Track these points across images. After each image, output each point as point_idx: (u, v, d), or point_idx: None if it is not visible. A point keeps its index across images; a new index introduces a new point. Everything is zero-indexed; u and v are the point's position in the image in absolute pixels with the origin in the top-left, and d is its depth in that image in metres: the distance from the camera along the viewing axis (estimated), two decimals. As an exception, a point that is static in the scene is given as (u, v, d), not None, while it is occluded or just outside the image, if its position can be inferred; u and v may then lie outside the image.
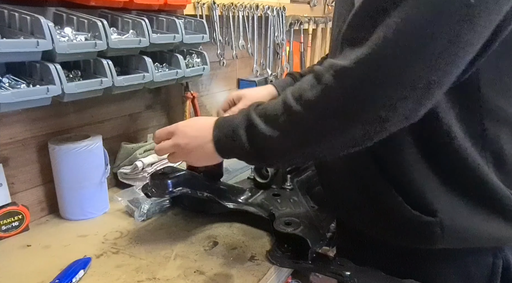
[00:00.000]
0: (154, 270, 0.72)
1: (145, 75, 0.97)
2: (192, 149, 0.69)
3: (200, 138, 0.68)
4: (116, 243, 0.82)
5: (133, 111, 1.16)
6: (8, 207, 0.83)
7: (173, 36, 1.03)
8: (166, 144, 0.71)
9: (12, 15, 0.78)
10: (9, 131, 0.86)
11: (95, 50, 0.85)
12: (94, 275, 0.71)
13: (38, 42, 0.74)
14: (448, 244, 0.64)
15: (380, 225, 0.69)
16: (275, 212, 0.80)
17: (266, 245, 0.80)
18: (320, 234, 0.76)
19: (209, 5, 1.31)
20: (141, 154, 1.07)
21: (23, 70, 0.82)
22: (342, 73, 0.53)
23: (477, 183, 0.61)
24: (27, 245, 0.81)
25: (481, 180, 0.60)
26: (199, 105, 1.33)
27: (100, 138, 0.93)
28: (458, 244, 0.64)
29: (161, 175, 0.80)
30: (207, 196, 0.84)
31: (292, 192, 0.92)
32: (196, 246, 0.80)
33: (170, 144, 0.71)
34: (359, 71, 0.52)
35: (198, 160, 0.71)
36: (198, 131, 0.68)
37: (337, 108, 0.54)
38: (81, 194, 0.91)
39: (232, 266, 0.73)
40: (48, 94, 0.77)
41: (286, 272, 0.79)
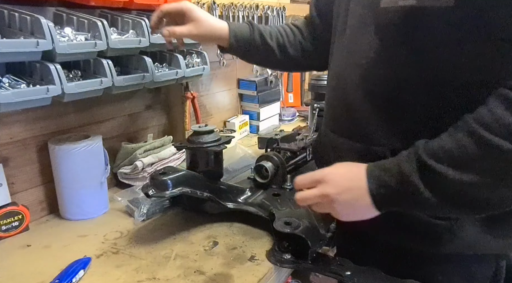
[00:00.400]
0: (154, 270, 0.72)
1: (145, 75, 0.97)
2: (343, 202, 0.61)
3: (355, 190, 0.60)
4: (116, 243, 0.82)
5: (133, 111, 1.16)
6: (8, 207, 0.83)
7: (173, 36, 1.03)
8: (312, 194, 0.64)
9: (12, 15, 0.78)
10: (9, 131, 0.86)
11: (95, 50, 0.85)
12: (94, 275, 0.71)
13: (38, 42, 0.74)
14: (455, 250, 0.63)
15: (387, 226, 0.67)
16: (275, 212, 0.80)
17: (266, 245, 0.80)
18: (320, 234, 0.76)
19: (209, 5, 1.31)
20: (141, 154, 1.07)
21: (23, 70, 0.82)
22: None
23: None
24: (27, 245, 0.81)
25: None
26: (199, 105, 1.33)
27: (100, 138, 0.93)
28: (465, 250, 0.63)
29: (161, 175, 0.79)
30: (207, 196, 0.84)
31: (292, 192, 0.92)
32: (196, 246, 0.80)
33: (317, 194, 0.64)
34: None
35: (348, 214, 0.63)
36: (352, 181, 0.61)
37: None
38: (81, 194, 0.91)
39: (232, 266, 0.73)
40: (48, 94, 0.77)
41: (286, 272, 0.79)
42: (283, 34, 0.92)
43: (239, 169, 1.17)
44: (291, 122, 1.86)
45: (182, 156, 1.13)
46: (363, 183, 0.59)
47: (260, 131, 1.65)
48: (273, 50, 0.90)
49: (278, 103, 1.80)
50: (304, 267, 0.72)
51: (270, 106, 1.72)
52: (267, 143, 1.09)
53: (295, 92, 2.02)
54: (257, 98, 1.64)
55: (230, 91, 1.63)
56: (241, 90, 1.66)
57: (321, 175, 0.64)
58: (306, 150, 1.06)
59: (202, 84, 1.45)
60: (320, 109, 1.30)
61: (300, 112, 1.95)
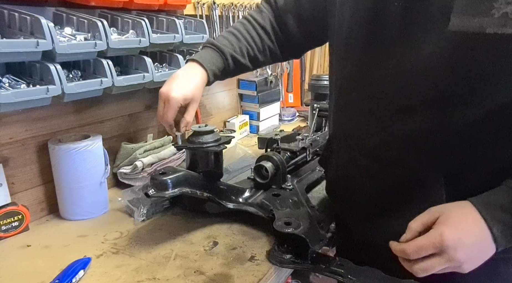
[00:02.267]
0: (154, 270, 0.72)
1: (145, 75, 0.97)
2: (473, 261, 0.55)
3: (482, 243, 0.55)
4: (116, 243, 0.82)
5: (133, 111, 1.16)
6: (8, 207, 0.83)
7: (173, 36, 1.03)
8: (436, 264, 0.55)
9: (12, 15, 0.78)
10: (9, 131, 0.86)
11: (95, 50, 0.85)
12: (94, 275, 0.71)
13: (38, 42, 0.74)
14: None
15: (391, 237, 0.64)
16: (275, 212, 0.80)
17: (266, 245, 0.80)
18: (320, 234, 0.76)
19: (209, 5, 1.31)
20: (141, 154, 1.07)
21: (23, 70, 0.82)
22: None
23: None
24: (27, 245, 0.81)
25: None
26: (199, 105, 1.33)
27: (100, 138, 0.93)
28: None
29: (161, 175, 0.79)
30: (207, 196, 0.84)
31: (292, 192, 0.92)
32: (196, 246, 0.80)
33: (443, 264, 0.55)
34: None
35: (474, 266, 0.57)
36: (477, 236, 0.54)
37: None
38: (81, 194, 0.91)
39: (232, 266, 0.73)
40: (48, 94, 0.77)
41: (286, 272, 0.79)
42: (251, 44, 0.91)
43: (239, 169, 1.17)
44: (291, 122, 1.86)
45: (182, 156, 1.13)
46: (486, 232, 0.54)
47: (260, 131, 1.65)
48: (247, 66, 0.93)
49: (278, 103, 1.80)
50: (304, 267, 0.72)
51: (270, 106, 1.72)
52: (267, 143, 1.08)
53: (295, 92, 2.02)
54: (257, 98, 1.64)
55: (230, 91, 1.63)
56: (241, 90, 1.66)
57: (442, 240, 0.54)
58: (306, 150, 1.06)
59: (202, 84, 1.45)
60: (320, 109, 1.30)
61: (300, 112, 1.95)
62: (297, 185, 0.97)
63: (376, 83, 0.66)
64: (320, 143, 1.18)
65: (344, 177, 0.80)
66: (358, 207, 0.77)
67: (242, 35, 0.91)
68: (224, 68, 0.90)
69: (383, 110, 0.66)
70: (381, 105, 0.66)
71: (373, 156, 0.70)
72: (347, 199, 0.81)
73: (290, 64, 1.81)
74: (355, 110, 0.72)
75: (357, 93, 0.70)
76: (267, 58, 0.95)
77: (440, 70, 0.57)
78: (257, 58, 0.93)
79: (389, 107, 0.65)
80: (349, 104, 0.74)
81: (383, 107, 0.66)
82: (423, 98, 0.60)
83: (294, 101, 2.06)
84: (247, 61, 0.91)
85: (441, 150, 0.63)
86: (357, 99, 0.70)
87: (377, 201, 0.73)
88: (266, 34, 0.92)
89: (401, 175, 0.67)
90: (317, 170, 1.10)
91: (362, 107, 0.70)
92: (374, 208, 0.73)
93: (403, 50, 0.61)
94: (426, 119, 0.62)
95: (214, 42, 0.89)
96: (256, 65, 0.95)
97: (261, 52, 0.93)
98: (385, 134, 0.67)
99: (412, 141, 0.64)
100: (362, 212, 0.77)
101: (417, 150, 0.65)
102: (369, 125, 0.69)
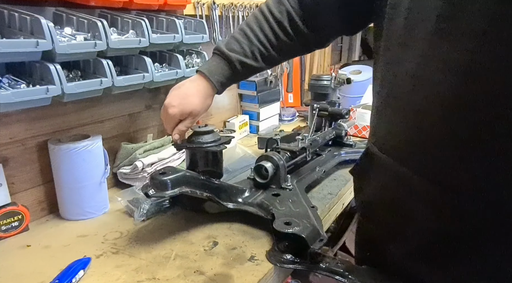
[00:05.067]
0: (154, 270, 0.72)
1: (145, 75, 0.98)
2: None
3: None
4: (116, 243, 0.82)
5: (133, 111, 1.16)
6: (8, 207, 0.83)
7: (173, 36, 1.03)
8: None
9: (12, 15, 0.78)
10: (9, 131, 0.86)
11: (95, 50, 0.85)
12: (94, 275, 0.71)
13: (38, 42, 0.74)
14: None
15: None
16: (275, 212, 0.80)
17: (266, 245, 0.80)
18: (320, 234, 0.76)
19: (209, 5, 1.32)
20: (141, 154, 1.07)
21: (23, 70, 0.82)
22: None
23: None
24: (27, 245, 0.81)
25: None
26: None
27: (100, 138, 0.93)
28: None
29: (161, 175, 0.79)
30: (207, 196, 0.84)
31: (292, 192, 0.92)
32: (196, 246, 0.80)
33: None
34: None
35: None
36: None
37: None
38: (81, 194, 0.91)
39: (232, 266, 0.73)
40: (48, 94, 0.77)
41: (286, 272, 0.79)
42: (265, 44, 0.85)
43: (239, 169, 1.17)
44: (291, 122, 1.86)
45: (182, 156, 1.13)
46: None
47: (260, 131, 1.65)
48: (261, 68, 0.89)
49: (278, 103, 1.80)
50: (304, 267, 0.72)
51: (270, 106, 1.72)
52: (267, 143, 1.09)
53: (295, 92, 2.02)
54: (257, 98, 1.64)
55: (230, 91, 1.63)
56: (241, 90, 1.66)
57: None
58: (306, 150, 1.06)
59: (202, 84, 1.45)
60: (320, 109, 1.30)
61: (300, 112, 1.95)
62: (297, 185, 0.97)
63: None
64: (320, 143, 1.18)
65: (387, 199, 0.66)
66: (404, 238, 0.63)
67: (255, 34, 0.84)
68: (233, 75, 0.87)
69: (462, 121, 0.49)
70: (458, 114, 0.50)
71: (436, 178, 0.55)
72: (388, 225, 0.66)
73: (290, 64, 1.81)
74: (413, 115, 0.55)
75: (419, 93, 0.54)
76: (284, 54, 0.90)
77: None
78: (273, 57, 0.87)
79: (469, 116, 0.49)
80: (403, 107, 0.57)
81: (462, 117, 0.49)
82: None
83: (294, 101, 2.07)
84: (260, 63, 0.87)
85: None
86: (419, 102, 0.54)
87: (438, 235, 0.57)
88: (283, 30, 0.83)
89: (473, 204, 0.52)
90: (317, 170, 1.10)
91: (426, 112, 0.53)
92: (430, 243, 0.59)
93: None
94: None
95: (222, 48, 0.85)
96: (272, 63, 0.91)
97: (277, 51, 0.86)
98: (457, 152, 0.51)
99: (497, 161, 0.48)
100: (409, 244, 0.62)
101: (501, 173, 0.48)
102: (435, 135, 0.53)
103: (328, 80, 1.40)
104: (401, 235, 0.63)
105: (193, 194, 0.83)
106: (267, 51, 0.86)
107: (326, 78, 1.41)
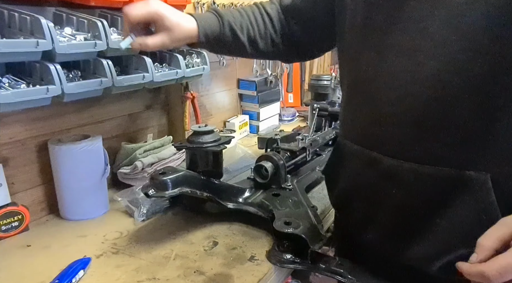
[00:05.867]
0: (154, 270, 0.72)
1: (145, 75, 0.97)
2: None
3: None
4: (116, 243, 0.82)
5: (133, 111, 1.16)
6: (8, 207, 0.83)
7: (173, 36, 1.03)
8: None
9: (12, 15, 0.78)
10: (9, 131, 0.86)
11: (95, 50, 0.85)
12: (94, 275, 0.71)
13: (38, 42, 0.74)
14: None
15: (439, 259, 0.59)
16: (275, 212, 0.80)
17: (266, 245, 0.80)
18: (320, 234, 0.76)
19: (209, 5, 1.31)
20: (141, 154, 1.07)
21: (23, 70, 0.82)
22: None
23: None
24: (27, 245, 0.81)
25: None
26: (199, 105, 1.33)
27: (100, 138, 0.93)
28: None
29: (161, 175, 0.79)
30: (207, 196, 0.84)
31: (292, 192, 0.92)
32: (196, 246, 0.80)
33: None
34: None
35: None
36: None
37: None
38: (81, 194, 0.91)
39: (232, 266, 0.73)
40: (48, 94, 0.77)
41: (286, 272, 0.79)
42: (253, 25, 0.85)
43: (239, 169, 1.17)
44: (291, 122, 1.86)
45: (182, 156, 1.13)
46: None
47: (260, 131, 1.65)
48: (244, 45, 0.85)
49: (278, 103, 1.80)
50: (304, 267, 0.72)
51: (270, 106, 1.72)
52: (267, 143, 1.09)
53: (295, 92, 2.02)
54: (257, 98, 1.64)
55: (230, 91, 1.63)
56: (241, 90, 1.66)
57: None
58: (306, 150, 1.06)
59: (202, 84, 1.45)
60: (320, 109, 1.30)
61: (300, 112, 1.95)
62: (297, 185, 0.97)
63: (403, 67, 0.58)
64: (320, 143, 1.18)
65: (360, 186, 0.71)
66: (378, 221, 0.68)
67: (247, 14, 0.85)
68: (219, 34, 0.82)
69: (415, 100, 0.57)
70: (411, 93, 0.58)
71: (402, 153, 0.61)
72: (363, 213, 0.71)
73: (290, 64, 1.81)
74: (377, 103, 0.63)
75: (379, 83, 0.62)
76: (268, 47, 0.87)
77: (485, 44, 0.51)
78: (256, 42, 0.85)
79: (423, 94, 0.56)
80: (368, 97, 0.65)
81: (415, 96, 0.57)
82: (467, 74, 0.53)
83: (294, 101, 2.07)
84: (245, 38, 0.84)
85: (487, 142, 0.54)
86: (380, 89, 0.62)
87: (404, 212, 0.63)
88: (271, 22, 0.86)
89: (436, 177, 0.58)
90: (317, 170, 1.10)
91: (387, 98, 0.61)
92: (401, 221, 0.64)
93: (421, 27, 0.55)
94: (469, 104, 0.53)
95: (217, 8, 0.85)
96: (254, 48, 0.86)
97: (262, 37, 0.86)
98: (417, 125, 0.58)
99: (451, 132, 0.56)
100: (384, 227, 0.67)
101: (457, 143, 0.56)
102: (398, 117, 0.60)
103: (328, 80, 1.40)
104: (373, 219, 0.69)
105: (193, 194, 0.83)
106: (253, 32, 0.85)
107: (326, 78, 1.41)
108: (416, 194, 0.61)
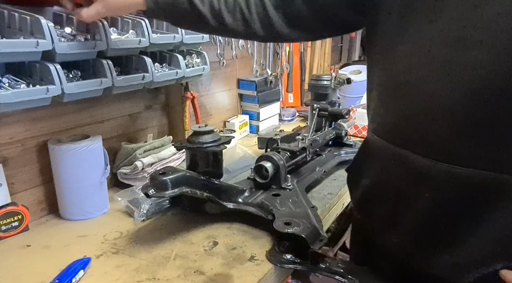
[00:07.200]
0: (154, 270, 0.72)
1: (145, 75, 0.97)
2: None
3: None
4: (116, 243, 0.82)
5: (133, 111, 1.16)
6: (8, 207, 0.83)
7: (173, 36, 1.03)
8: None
9: (12, 15, 0.78)
10: (9, 131, 0.86)
11: (95, 50, 0.85)
12: (94, 275, 0.71)
13: (38, 42, 0.74)
14: None
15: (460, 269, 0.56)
16: (275, 212, 0.80)
17: (266, 245, 0.80)
18: (320, 234, 0.76)
19: (209, 5, 1.31)
20: (141, 154, 1.07)
21: (23, 70, 0.82)
22: None
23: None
24: (27, 245, 0.81)
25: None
26: (199, 105, 1.33)
27: (100, 138, 0.93)
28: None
29: (161, 175, 0.79)
30: (207, 196, 0.84)
31: (292, 192, 0.92)
32: (196, 246, 0.80)
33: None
34: None
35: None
36: None
37: None
38: (81, 194, 0.91)
39: (232, 266, 0.73)
40: (48, 94, 0.77)
41: (286, 272, 0.79)
42: None
43: (239, 169, 1.17)
44: (291, 122, 1.86)
45: (182, 156, 1.13)
46: None
47: (260, 131, 1.65)
48: (205, 17, 0.75)
49: (278, 103, 1.80)
50: (304, 267, 0.72)
51: (270, 106, 1.72)
52: (267, 143, 1.09)
53: (295, 92, 2.02)
54: (257, 98, 1.64)
55: (230, 91, 1.63)
56: (241, 90, 1.66)
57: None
58: (306, 150, 1.06)
59: (202, 84, 1.45)
60: (320, 109, 1.30)
61: (300, 112, 1.95)
62: (297, 185, 0.97)
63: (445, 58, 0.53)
64: (320, 143, 1.18)
65: (386, 185, 0.65)
66: (404, 225, 0.62)
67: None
68: (174, 2, 0.74)
69: (455, 93, 0.52)
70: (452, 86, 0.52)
71: (435, 153, 0.56)
72: (388, 215, 0.66)
73: (290, 64, 1.81)
74: (411, 97, 0.58)
75: (415, 75, 0.57)
76: (238, 24, 0.77)
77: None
78: (222, 16, 0.75)
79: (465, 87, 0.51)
80: (402, 91, 0.60)
81: (456, 89, 0.52)
82: None
83: (294, 101, 2.07)
84: (205, 9, 0.75)
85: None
86: (416, 82, 0.57)
87: (434, 217, 0.58)
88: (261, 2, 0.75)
89: (472, 180, 0.53)
90: (317, 170, 1.10)
91: (423, 92, 0.56)
92: (429, 226, 0.59)
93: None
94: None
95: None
96: (220, 23, 0.76)
97: (229, 11, 0.76)
98: (454, 122, 0.53)
99: (493, 130, 0.50)
100: (410, 231, 0.62)
101: (498, 144, 0.50)
102: (434, 112, 0.54)
103: (328, 80, 1.40)
104: (398, 222, 0.63)
105: (193, 194, 0.83)
106: (219, 4, 0.76)
107: (326, 78, 1.41)
108: (448, 198, 0.56)
